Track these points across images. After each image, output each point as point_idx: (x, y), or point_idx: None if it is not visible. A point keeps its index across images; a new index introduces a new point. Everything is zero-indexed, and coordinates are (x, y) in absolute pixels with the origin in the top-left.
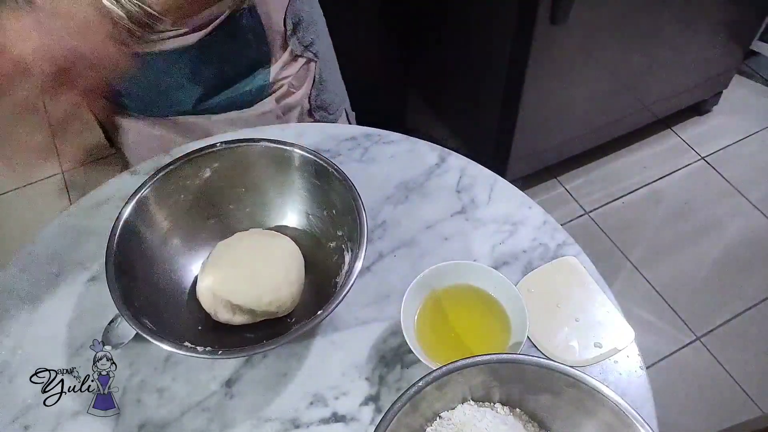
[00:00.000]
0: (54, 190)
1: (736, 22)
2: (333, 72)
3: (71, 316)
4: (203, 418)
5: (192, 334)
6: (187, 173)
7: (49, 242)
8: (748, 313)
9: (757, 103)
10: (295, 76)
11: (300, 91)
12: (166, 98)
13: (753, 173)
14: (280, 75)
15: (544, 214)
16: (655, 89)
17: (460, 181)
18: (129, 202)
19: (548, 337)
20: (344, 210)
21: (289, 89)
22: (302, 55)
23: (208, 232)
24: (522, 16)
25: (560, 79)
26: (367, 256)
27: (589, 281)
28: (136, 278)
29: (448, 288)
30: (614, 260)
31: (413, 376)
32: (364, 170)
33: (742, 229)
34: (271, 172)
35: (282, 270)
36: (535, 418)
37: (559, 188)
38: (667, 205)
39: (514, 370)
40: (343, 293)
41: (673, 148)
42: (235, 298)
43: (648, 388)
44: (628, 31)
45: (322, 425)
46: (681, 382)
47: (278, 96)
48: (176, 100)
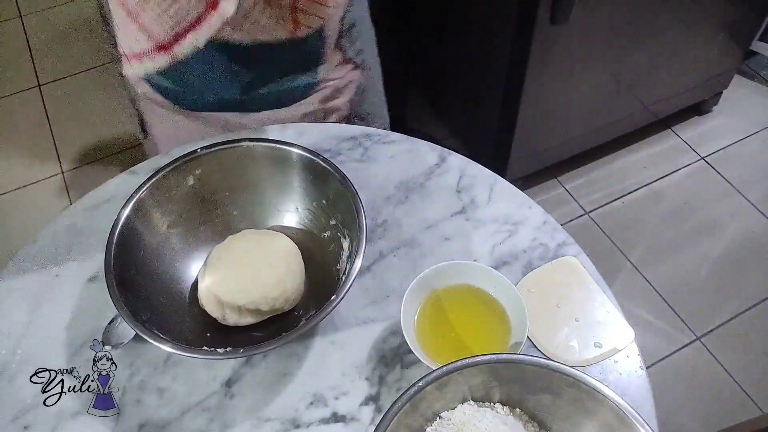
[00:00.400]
0: (54, 190)
1: (736, 22)
2: (376, 82)
3: (71, 316)
4: (203, 418)
5: (203, 340)
6: (187, 173)
7: (49, 242)
8: (748, 313)
9: (757, 103)
10: (341, 79)
11: (343, 97)
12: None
13: (753, 173)
14: (327, 76)
15: (544, 214)
16: (655, 89)
17: (460, 181)
18: (128, 202)
19: (548, 337)
20: (335, 198)
21: (334, 92)
22: (352, 60)
23: (208, 231)
24: (522, 16)
25: (560, 79)
26: (367, 256)
27: (589, 281)
28: (136, 278)
29: (448, 288)
30: (614, 260)
31: (413, 376)
32: (364, 170)
33: (742, 229)
34: (271, 172)
35: (283, 264)
36: (535, 418)
37: (559, 188)
38: (667, 205)
39: (514, 370)
40: (343, 293)
41: (673, 148)
42: (241, 300)
43: (648, 388)
44: (629, 31)
45: (322, 425)
46: (681, 382)
47: (322, 98)
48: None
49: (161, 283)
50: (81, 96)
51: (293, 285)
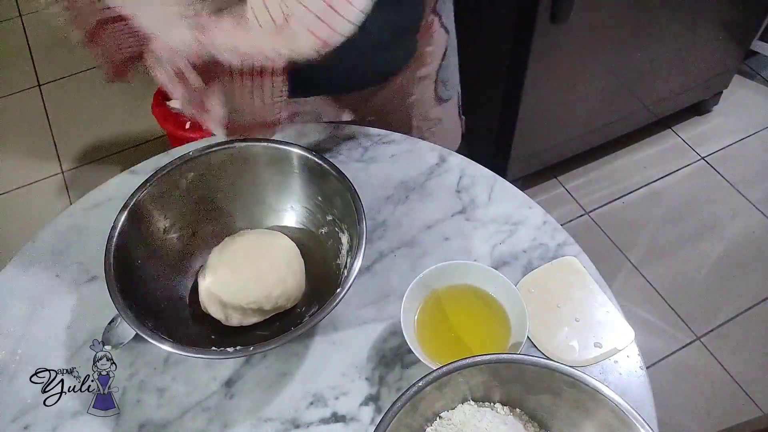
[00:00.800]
0: (54, 190)
1: (736, 22)
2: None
3: (71, 316)
4: (203, 418)
5: (207, 342)
6: (187, 173)
7: (49, 242)
8: (748, 313)
9: (757, 103)
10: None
11: (434, 62)
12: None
13: (753, 173)
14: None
15: (544, 214)
16: (655, 89)
17: (460, 181)
18: (129, 201)
19: (548, 337)
20: (331, 194)
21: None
22: (444, 24)
23: (208, 231)
24: (522, 16)
25: (560, 79)
26: (367, 256)
27: (589, 281)
28: (136, 278)
29: (448, 288)
30: (614, 260)
31: (413, 376)
32: (364, 170)
33: (742, 229)
34: (270, 173)
35: (283, 262)
36: (535, 418)
37: (559, 188)
38: (667, 205)
39: (514, 370)
40: (343, 293)
41: (673, 148)
42: (243, 299)
43: (648, 388)
44: (629, 30)
45: (322, 425)
46: (681, 382)
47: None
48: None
49: (161, 283)
50: (81, 96)
51: (294, 282)
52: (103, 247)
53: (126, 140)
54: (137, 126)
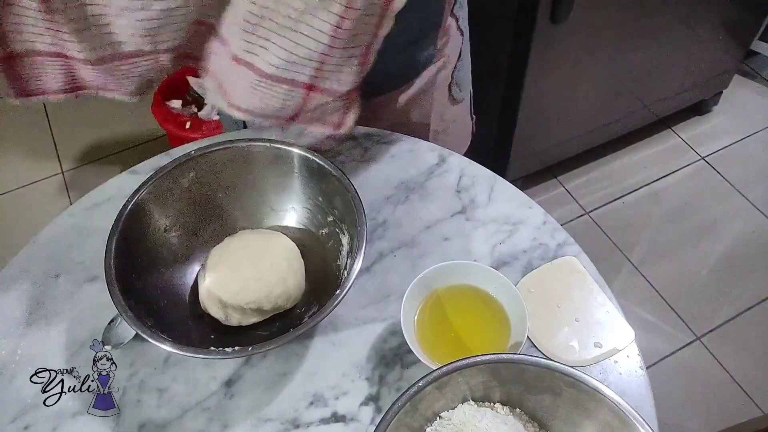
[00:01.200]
0: (54, 190)
1: (736, 22)
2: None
3: (71, 316)
4: (203, 418)
5: (207, 342)
6: (187, 173)
7: (49, 242)
8: (748, 313)
9: (757, 103)
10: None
11: (450, 64)
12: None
13: (753, 173)
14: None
15: (544, 214)
16: (655, 89)
17: (460, 181)
18: (129, 201)
19: (548, 337)
20: (332, 194)
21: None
22: (460, 26)
23: (208, 231)
24: (522, 16)
25: (560, 79)
26: (367, 256)
27: (589, 281)
28: (136, 278)
29: (448, 288)
30: (614, 260)
31: (413, 376)
32: (364, 170)
33: (742, 229)
34: (270, 173)
35: (283, 262)
36: (535, 418)
37: (559, 188)
38: (667, 205)
39: (514, 370)
40: (343, 293)
41: (673, 148)
42: (243, 299)
43: (648, 388)
44: (629, 30)
45: (322, 425)
46: (681, 382)
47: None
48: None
49: (161, 283)
50: None
51: (294, 282)
52: (103, 247)
53: (126, 140)
54: (137, 126)
